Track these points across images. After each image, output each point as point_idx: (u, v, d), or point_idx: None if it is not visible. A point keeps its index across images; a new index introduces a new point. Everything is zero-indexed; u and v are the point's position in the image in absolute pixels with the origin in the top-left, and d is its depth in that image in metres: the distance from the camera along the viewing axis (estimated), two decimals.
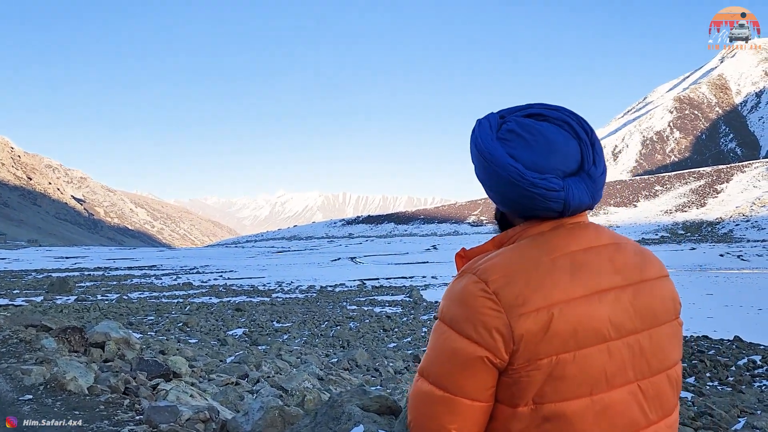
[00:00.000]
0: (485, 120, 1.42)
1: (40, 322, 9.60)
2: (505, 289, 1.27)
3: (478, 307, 1.28)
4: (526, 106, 1.42)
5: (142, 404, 4.25)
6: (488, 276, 1.30)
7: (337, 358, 15.23)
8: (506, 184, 1.34)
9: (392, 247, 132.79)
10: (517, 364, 1.27)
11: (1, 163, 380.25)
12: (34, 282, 45.50)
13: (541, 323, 1.24)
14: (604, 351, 1.27)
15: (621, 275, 1.33)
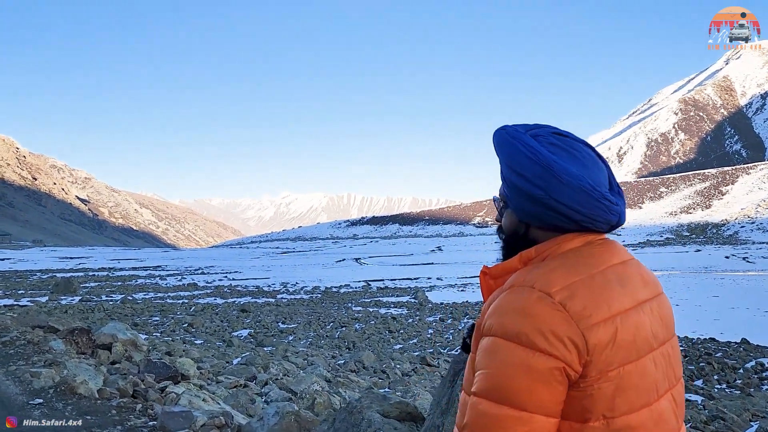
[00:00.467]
0: (523, 131, 1.41)
1: (46, 323, 9.58)
2: (571, 300, 1.26)
3: (547, 319, 1.24)
4: (535, 126, 1.44)
5: (155, 409, 4.19)
6: (550, 288, 1.28)
7: (344, 360, 15.17)
8: (571, 194, 1.32)
9: (397, 248, 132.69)
10: (589, 376, 1.24)
11: (6, 164, 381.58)
12: (39, 282, 45.60)
13: (609, 333, 1.25)
14: (651, 360, 1.31)
15: (648, 288, 1.40)
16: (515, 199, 1.40)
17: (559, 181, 1.31)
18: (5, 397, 5.21)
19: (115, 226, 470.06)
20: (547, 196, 1.34)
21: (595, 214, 1.35)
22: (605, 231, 1.40)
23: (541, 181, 1.34)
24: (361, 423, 2.54)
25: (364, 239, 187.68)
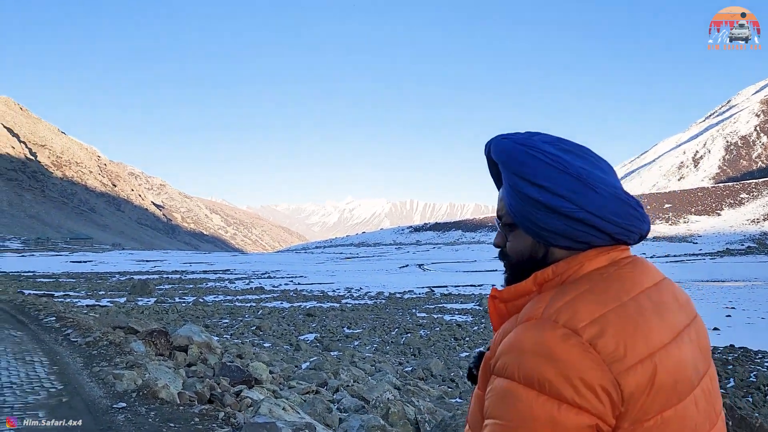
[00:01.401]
0: (539, 140, 1.19)
1: (126, 324, 9.82)
2: (602, 338, 1.02)
3: (575, 363, 0.99)
4: (534, 133, 1.22)
5: (237, 418, 4.07)
6: (576, 323, 1.04)
7: (411, 367, 14.89)
8: (607, 204, 1.12)
9: (460, 255, 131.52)
10: (621, 428, 1.02)
11: (89, 171, 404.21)
12: (118, 284, 47.65)
13: (647, 376, 1.02)
14: (693, 402, 1.08)
15: (684, 312, 1.17)
16: (532, 217, 1.14)
17: (594, 191, 1.11)
18: (89, 400, 5.26)
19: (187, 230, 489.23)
20: (577, 209, 1.12)
21: (629, 224, 1.15)
22: (635, 243, 1.20)
23: (571, 192, 1.11)
24: None
25: (427, 245, 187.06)
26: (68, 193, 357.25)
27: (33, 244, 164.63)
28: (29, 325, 11.36)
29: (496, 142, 1.20)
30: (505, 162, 1.17)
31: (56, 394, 5.53)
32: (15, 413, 4.89)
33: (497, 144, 1.20)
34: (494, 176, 1.28)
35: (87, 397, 5.38)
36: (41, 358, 7.46)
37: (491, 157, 1.22)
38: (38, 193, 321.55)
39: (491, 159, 1.23)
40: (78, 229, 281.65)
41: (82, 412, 4.94)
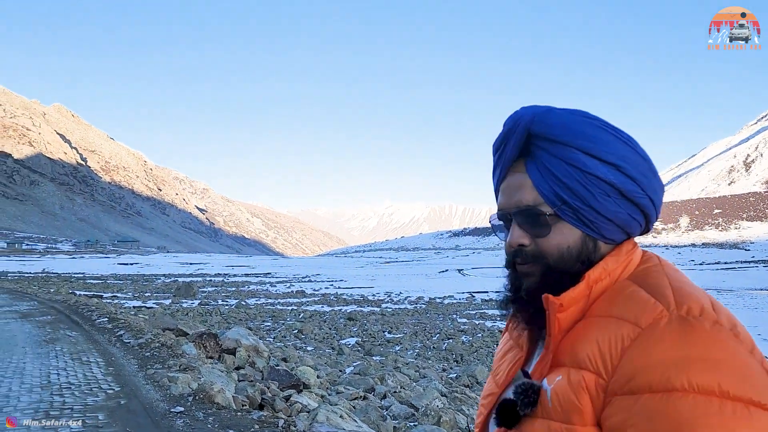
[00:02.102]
0: (593, 116, 0.98)
1: (175, 326, 9.97)
2: (740, 331, 0.89)
3: (757, 367, 0.83)
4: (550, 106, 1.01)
5: (297, 426, 4.03)
6: (733, 320, 0.91)
7: (456, 374, 14.69)
8: (660, 190, 0.99)
9: (500, 260, 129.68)
10: None
11: (136, 176, 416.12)
12: (163, 286, 48.74)
13: None
14: None
15: None
16: (595, 203, 0.93)
17: (656, 176, 0.97)
18: (147, 403, 5.31)
19: (229, 234, 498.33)
20: (642, 193, 0.95)
21: (657, 211, 1.00)
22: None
23: (642, 175, 0.95)
24: None
25: (467, 250, 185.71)
26: (116, 197, 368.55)
27: (83, 247, 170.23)
28: (83, 325, 11.67)
29: (544, 113, 0.96)
30: (561, 136, 0.93)
31: (114, 396, 5.61)
32: (75, 415, 4.98)
33: (548, 115, 0.95)
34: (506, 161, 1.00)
35: (144, 399, 5.44)
36: (97, 359, 7.61)
37: (535, 131, 0.96)
38: (88, 197, 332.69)
39: (531, 134, 0.96)
40: (125, 232, 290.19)
41: (141, 415, 4.99)
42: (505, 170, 1.00)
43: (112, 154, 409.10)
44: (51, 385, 6.09)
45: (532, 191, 0.95)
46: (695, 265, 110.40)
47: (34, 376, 6.63)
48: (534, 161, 0.96)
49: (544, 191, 0.94)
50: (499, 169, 1.01)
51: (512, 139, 0.97)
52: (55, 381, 6.33)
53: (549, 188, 0.94)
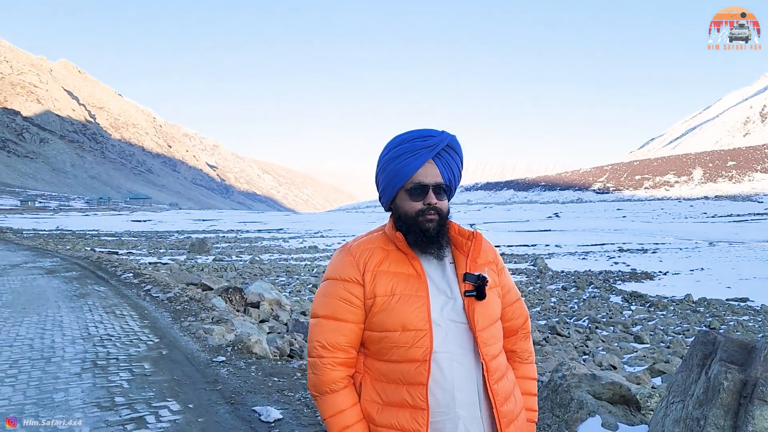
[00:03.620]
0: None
1: (200, 281, 10.28)
2: None
3: None
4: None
5: None
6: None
7: None
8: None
9: (512, 215, 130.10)
10: None
11: (145, 133, 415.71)
12: (177, 242, 49.35)
13: None
14: None
15: None
16: (456, 185, 1.73)
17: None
18: (188, 353, 5.60)
19: (240, 190, 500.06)
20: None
21: None
22: None
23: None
24: (570, 404, 2.36)
25: (478, 205, 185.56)
26: (126, 155, 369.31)
27: (95, 204, 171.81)
28: (109, 280, 12.02)
29: (454, 137, 1.68)
30: (458, 150, 1.68)
31: (154, 347, 5.91)
32: (122, 365, 5.26)
33: (455, 139, 1.68)
34: (428, 156, 1.63)
35: (185, 350, 5.73)
36: (130, 312, 7.92)
37: (452, 144, 1.66)
38: (98, 154, 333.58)
39: (450, 146, 1.67)
40: (136, 189, 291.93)
41: (185, 364, 5.28)
42: (423, 162, 1.60)
43: (121, 110, 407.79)
44: (92, 337, 6.40)
45: (440, 176, 1.62)
46: (707, 218, 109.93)
47: (73, 328, 6.94)
48: (440, 159, 1.63)
49: (445, 178, 1.64)
50: (420, 160, 1.60)
51: (439, 146, 1.62)
52: (95, 333, 6.64)
53: (448, 177, 1.65)
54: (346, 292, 1.54)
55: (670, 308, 20.56)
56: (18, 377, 4.90)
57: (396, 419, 1.49)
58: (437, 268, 1.59)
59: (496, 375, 1.52)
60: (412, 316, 1.49)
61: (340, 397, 1.53)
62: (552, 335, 14.26)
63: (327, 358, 1.53)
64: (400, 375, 1.50)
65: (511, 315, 1.68)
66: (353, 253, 1.60)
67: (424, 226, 1.56)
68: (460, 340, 1.50)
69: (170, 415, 3.99)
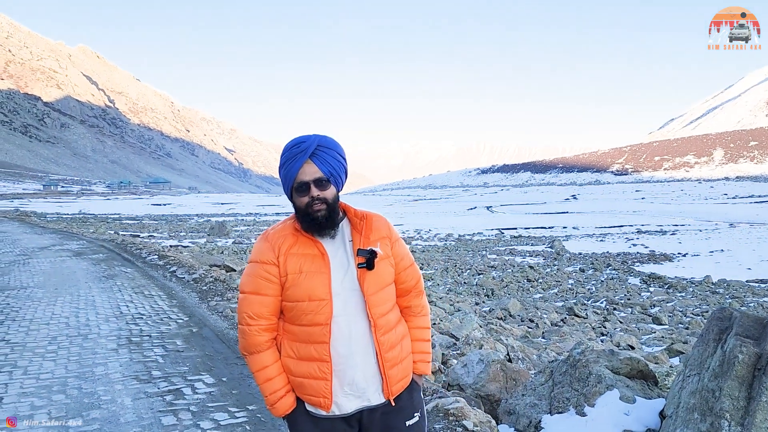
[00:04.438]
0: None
1: (222, 263, 10.50)
2: None
3: None
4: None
5: None
6: None
7: (489, 307, 15.17)
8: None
9: (529, 197, 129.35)
10: None
11: (164, 117, 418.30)
12: (197, 225, 49.91)
13: None
14: None
15: None
16: (343, 179, 2.01)
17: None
18: (218, 331, 5.82)
19: (258, 174, 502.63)
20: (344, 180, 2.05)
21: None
22: None
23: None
24: (588, 378, 2.47)
25: (495, 187, 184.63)
26: (145, 139, 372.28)
27: (116, 188, 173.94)
28: (135, 262, 12.33)
29: (324, 137, 2.00)
30: (332, 146, 1.97)
31: (185, 325, 6.12)
32: (155, 341, 5.49)
33: (326, 137, 2.00)
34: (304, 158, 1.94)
35: (214, 328, 5.94)
36: (158, 292, 8.17)
37: (323, 144, 1.96)
38: (118, 139, 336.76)
39: (321, 145, 1.96)
40: (156, 173, 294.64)
41: (215, 341, 5.49)
42: (302, 163, 1.91)
43: (139, 95, 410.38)
44: (124, 316, 6.64)
45: (318, 171, 1.92)
46: (728, 199, 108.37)
47: (105, 307, 7.20)
48: (316, 158, 1.93)
49: (324, 171, 1.93)
50: (299, 162, 1.91)
51: (309, 148, 1.92)
52: (126, 312, 6.88)
53: (327, 170, 1.93)
54: (266, 272, 1.91)
55: (689, 290, 20.49)
56: (58, 353, 5.15)
57: (308, 370, 1.90)
58: (338, 247, 1.95)
59: (383, 329, 1.92)
60: (316, 289, 1.87)
61: (265, 356, 1.93)
62: (570, 316, 14.33)
63: (253, 326, 1.91)
64: (308, 336, 1.89)
65: (404, 278, 2.04)
66: (270, 240, 1.95)
67: (314, 215, 1.90)
68: (355, 304, 1.90)
69: (205, 388, 4.20)
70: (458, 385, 3.32)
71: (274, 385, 1.93)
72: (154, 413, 3.71)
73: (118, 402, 3.90)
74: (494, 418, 3.04)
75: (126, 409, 3.78)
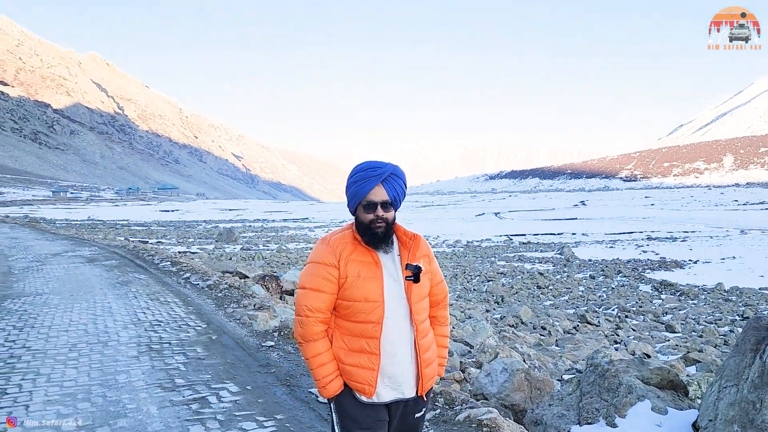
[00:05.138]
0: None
1: (235, 269, 10.53)
2: None
3: None
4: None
5: None
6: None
7: (500, 314, 15.13)
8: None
9: (537, 203, 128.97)
10: None
11: (172, 124, 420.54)
12: (205, 231, 50.08)
13: None
14: None
15: None
16: (401, 204, 2.31)
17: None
18: (237, 338, 5.84)
19: (265, 180, 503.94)
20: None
21: None
22: None
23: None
24: (618, 388, 2.46)
25: (503, 193, 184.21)
26: (154, 145, 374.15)
27: (125, 194, 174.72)
28: (148, 268, 12.38)
29: (396, 167, 2.28)
30: (400, 175, 2.27)
31: (203, 332, 6.15)
32: (175, 348, 5.51)
33: (398, 168, 2.28)
34: (377, 181, 2.22)
35: (233, 335, 5.96)
36: (173, 299, 8.20)
37: (395, 173, 2.26)
38: (126, 145, 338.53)
39: (393, 174, 2.26)
40: (164, 179, 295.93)
41: (235, 348, 5.51)
42: (374, 185, 2.20)
43: (148, 102, 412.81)
44: (142, 323, 6.67)
45: (386, 195, 2.21)
46: (738, 206, 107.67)
47: (122, 314, 7.24)
48: (386, 183, 2.21)
49: (391, 196, 2.22)
50: (372, 184, 2.20)
51: (384, 174, 2.21)
52: (144, 319, 6.91)
53: (393, 195, 2.23)
54: (327, 273, 2.17)
55: (701, 297, 20.36)
56: (79, 360, 5.18)
57: (357, 360, 2.16)
58: (389, 259, 2.24)
59: (422, 333, 2.23)
60: (372, 292, 2.16)
61: (319, 344, 2.19)
62: (582, 324, 14.28)
63: (311, 318, 2.18)
64: (361, 331, 2.16)
65: (436, 292, 2.35)
66: (332, 245, 2.21)
67: (375, 231, 2.19)
68: (401, 309, 2.19)
69: (230, 396, 4.22)
70: (482, 395, 3.31)
71: (326, 369, 2.18)
72: (181, 422, 3.72)
73: (144, 410, 3.92)
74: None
75: (152, 417, 3.80)
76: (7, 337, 6.03)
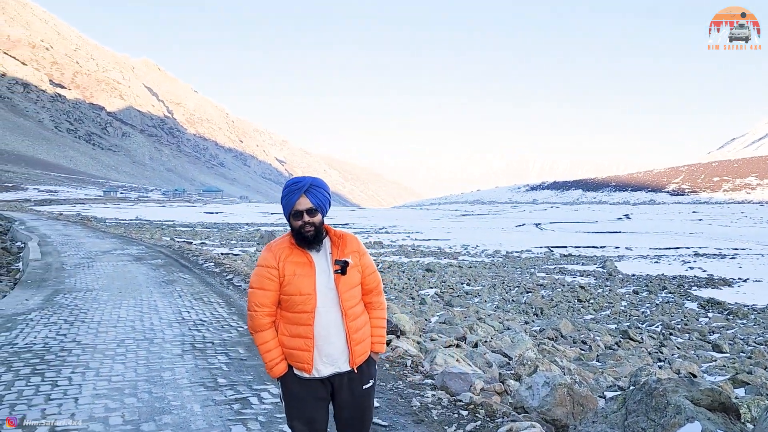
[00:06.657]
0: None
1: None
2: None
3: None
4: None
5: (425, 367, 4.43)
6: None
7: (539, 327, 14.91)
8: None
9: (580, 215, 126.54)
10: None
11: (218, 128, 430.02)
12: (247, 234, 50.88)
13: None
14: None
15: None
16: (326, 206, 2.63)
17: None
18: None
19: None
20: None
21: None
22: None
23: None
24: (666, 408, 2.41)
25: (544, 204, 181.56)
26: (200, 149, 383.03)
27: (171, 195, 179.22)
28: (192, 269, 12.69)
29: (314, 179, 2.64)
30: (320, 185, 2.62)
31: (245, 333, 6.28)
32: (218, 348, 5.65)
33: (319, 180, 2.64)
34: (300, 193, 2.57)
35: None
36: (216, 299, 8.40)
37: (314, 184, 2.60)
38: (174, 148, 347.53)
39: (312, 185, 2.60)
40: (209, 181, 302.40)
41: None
42: (298, 197, 2.54)
43: (197, 106, 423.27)
44: (186, 322, 6.85)
45: (310, 203, 2.54)
46: None
47: (167, 312, 7.45)
48: (308, 193, 2.56)
49: (314, 203, 2.55)
50: (296, 196, 2.55)
51: (304, 187, 2.56)
52: (188, 318, 7.10)
53: (315, 202, 2.56)
54: (269, 274, 2.53)
55: (750, 317, 19.63)
56: (126, 356, 5.36)
57: (297, 344, 2.52)
58: (321, 257, 2.59)
59: (351, 317, 2.57)
60: (305, 287, 2.51)
61: (267, 333, 2.56)
62: (624, 339, 13.94)
63: (259, 312, 2.54)
64: (298, 319, 2.52)
65: (368, 282, 2.69)
66: (273, 250, 2.58)
67: (305, 235, 2.54)
68: (332, 299, 2.55)
69: (271, 398, 4.29)
70: (522, 407, 3.29)
71: (272, 354, 2.56)
72: (224, 421, 3.82)
73: (187, 408, 4.03)
74: None
75: (196, 415, 3.90)
76: (59, 331, 6.28)
